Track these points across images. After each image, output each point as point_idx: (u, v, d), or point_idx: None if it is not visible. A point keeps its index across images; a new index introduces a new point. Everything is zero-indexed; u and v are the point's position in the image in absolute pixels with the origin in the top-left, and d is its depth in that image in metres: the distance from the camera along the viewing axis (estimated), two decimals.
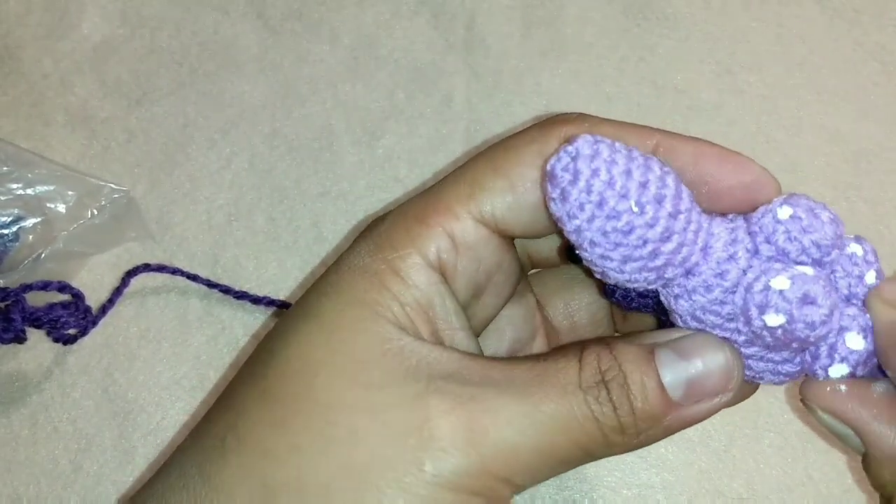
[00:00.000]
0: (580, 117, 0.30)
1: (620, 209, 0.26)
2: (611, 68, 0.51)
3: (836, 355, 0.27)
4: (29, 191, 0.45)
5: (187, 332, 0.45)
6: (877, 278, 0.28)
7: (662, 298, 0.29)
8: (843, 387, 0.28)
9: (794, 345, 0.27)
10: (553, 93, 0.50)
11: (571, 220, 0.26)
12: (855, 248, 0.28)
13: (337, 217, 0.47)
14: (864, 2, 0.52)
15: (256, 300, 0.45)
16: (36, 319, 0.41)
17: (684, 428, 0.28)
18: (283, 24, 0.52)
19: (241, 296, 0.45)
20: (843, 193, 0.47)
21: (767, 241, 0.27)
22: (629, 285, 0.28)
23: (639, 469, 0.42)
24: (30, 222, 0.44)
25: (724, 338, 0.28)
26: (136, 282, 0.45)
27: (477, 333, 0.31)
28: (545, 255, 0.34)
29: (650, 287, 0.28)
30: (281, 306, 0.45)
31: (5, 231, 0.44)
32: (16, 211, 0.44)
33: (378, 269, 0.28)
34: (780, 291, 0.26)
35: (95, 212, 0.45)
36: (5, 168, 0.45)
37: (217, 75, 0.51)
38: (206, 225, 0.47)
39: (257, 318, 0.45)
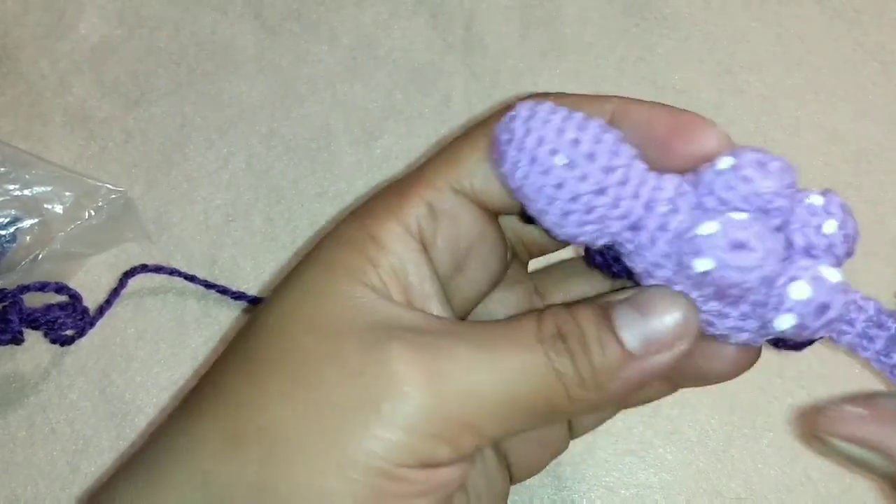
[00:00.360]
0: (545, 94, 0.30)
1: (549, 164, 0.27)
2: (610, 68, 0.51)
3: (783, 306, 0.27)
4: (26, 192, 0.45)
5: (185, 332, 0.45)
6: (839, 229, 0.28)
7: (623, 258, 0.29)
8: (859, 409, 0.28)
9: (734, 291, 0.27)
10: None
11: (510, 179, 0.28)
12: (815, 199, 0.28)
13: (335, 217, 0.47)
14: (864, 2, 0.52)
15: (254, 301, 0.45)
16: (33, 320, 0.41)
17: (646, 381, 0.28)
18: (281, 24, 0.52)
19: (238, 296, 0.45)
20: (843, 193, 0.46)
21: (710, 194, 0.27)
22: (578, 240, 0.29)
23: (637, 469, 0.42)
24: (27, 223, 0.44)
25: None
26: (133, 282, 0.45)
27: (464, 312, 0.32)
28: (539, 243, 0.34)
29: (599, 242, 0.29)
30: None
31: (2, 232, 0.44)
32: (13, 212, 0.44)
33: (356, 236, 0.29)
34: (708, 236, 0.26)
35: (93, 212, 0.45)
36: (2, 169, 0.45)
37: (215, 75, 0.51)
38: (204, 225, 0.47)
39: None
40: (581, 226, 0.28)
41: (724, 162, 0.27)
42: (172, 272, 0.45)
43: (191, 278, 0.45)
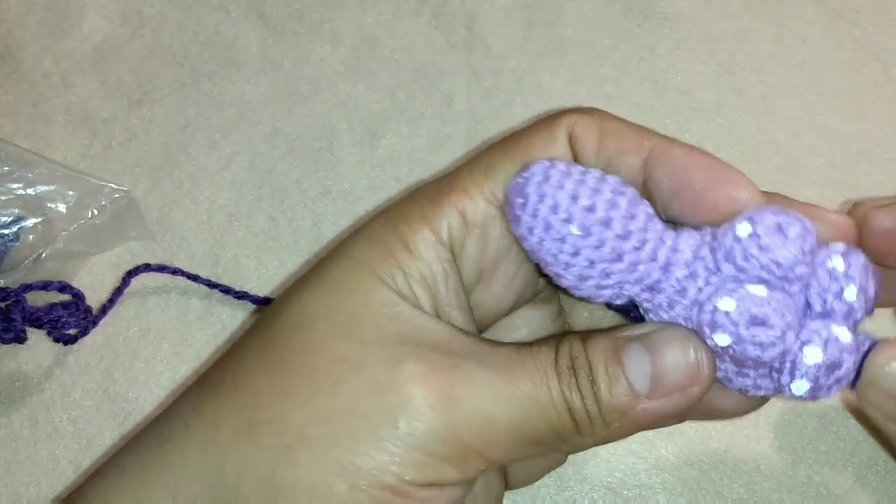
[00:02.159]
0: (588, 110, 0.30)
1: (564, 233, 0.27)
2: (611, 68, 0.51)
3: (797, 372, 0.27)
4: (29, 191, 0.45)
5: (188, 332, 0.45)
6: (859, 295, 0.27)
7: (641, 312, 0.29)
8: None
9: (751, 363, 0.27)
10: (553, 93, 0.50)
11: (526, 242, 0.28)
12: (836, 263, 0.27)
13: (338, 217, 0.47)
14: (864, 2, 0.52)
15: (257, 300, 0.45)
16: (36, 319, 0.41)
17: (658, 423, 0.28)
18: (284, 24, 0.52)
19: (241, 296, 0.45)
20: (843, 193, 0.47)
21: (727, 260, 0.27)
22: (597, 300, 0.29)
23: (639, 469, 0.42)
24: (30, 222, 0.44)
25: None
26: (136, 282, 0.45)
27: (486, 324, 0.32)
28: None
29: (617, 302, 0.29)
30: None
31: (6, 231, 0.44)
32: (16, 211, 0.44)
33: (388, 239, 0.29)
34: (726, 313, 0.26)
35: (96, 212, 0.45)
36: (6, 168, 0.45)
37: (218, 75, 0.51)
38: (207, 225, 0.47)
39: None
40: (599, 289, 0.28)
41: (743, 229, 0.27)
42: (175, 271, 0.45)
43: (194, 278, 0.45)
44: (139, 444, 0.29)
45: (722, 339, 0.26)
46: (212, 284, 0.45)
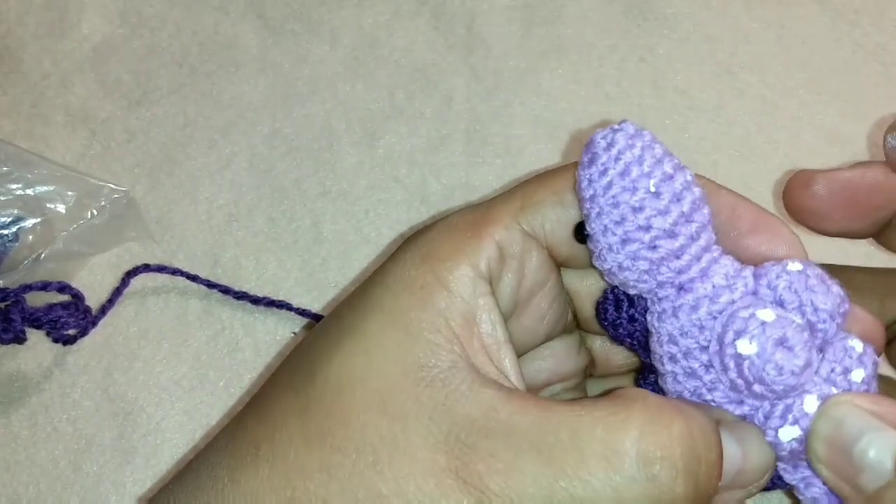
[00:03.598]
0: None
1: (639, 185, 0.27)
2: (611, 69, 0.51)
3: (790, 416, 0.26)
4: (29, 191, 0.45)
5: (187, 332, 0.45)
6: (864, 382, 0.27)
7: (649, 316, 0.29)
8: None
9: (757, 388, 0.26)
10: (553, 93, 0.50)
11: (591, 184, 0.27)
12: (855, 344, 0.27)
13: (337, 217, 0.47)
14: (864, 3, 0.52)
15: (256, 300, 0.45)
16: (36, 320, 0.41)
17: None
18: (283, 24, 0.52)
19: (240, 296, 0.45)
20: None
21: (769, 287, 0.27)
22: (621, 275, 0.28)
23: None
24: (29, 223, 0.44)
25: (691, 374, 0.28)
26: (135, 282, 0.45)
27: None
28: (596, 328, 0.33)
29: (637, 286, 0.28)
30: (280, 306, 0.45)
31: (5, 231, 0.44)
32: (15, 211, 0.44)
33: (425, 282, 0.27)
34: (763, 322, 0.26)
35: (95, 212, 0.45)
36: (5, 168, 0.45)
37: (217, 75, 0.51)
38: (206, 225, 0.47)
39: (257, 319, 0.45)
40: (635, 259, 0.27)
41: (795, 266, 0.27)
42: (175, 272, 0.45)
43: (193, 278, 0.45)
44: (177, 500, 0.28)
45: (746, 347, 0.26)
46: (211, 284, 0.45)
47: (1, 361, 0.44)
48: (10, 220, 0.44)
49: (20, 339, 0.42)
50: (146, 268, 0.45)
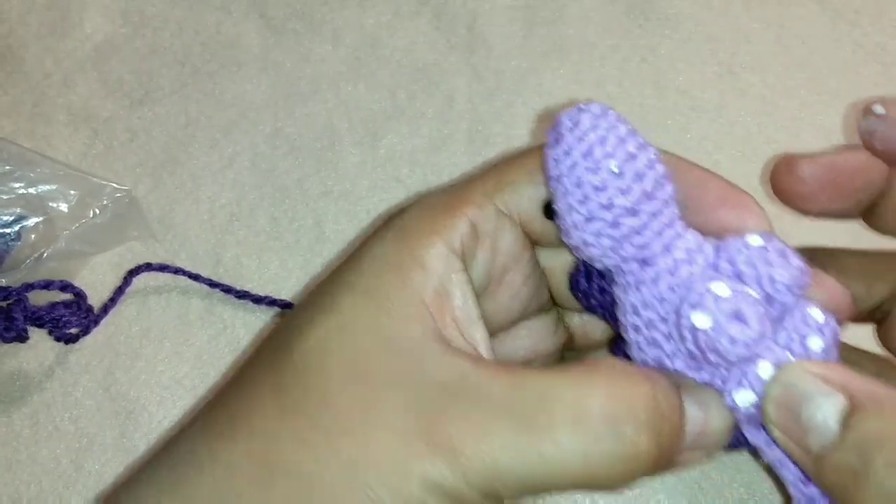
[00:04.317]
0: None
1: (601, 165, 0.28)
2: (613, 69, 0.51)
3: (746, 381, 0.27)
4: (31, 190, 0.45)
5: (189, 331, 0.45)
6: (823, 351, 0.28)
7: (615, 288, 0.30)
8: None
9: (712, 357, 0.27)
10: (555, 93, 0.50)
11: (557, 164, 0.28)
12: (815, 313, 0.28)
13: (339, 217, 0.47)
14: (864, 3, 0.52)
15: (258, 300, 0.45)
16: (38, 318, 0.41)
17: (667, 472, 0.28)
18: (285, 23, 0.52)
19: (242, 295, 0.45)
20: None
21: (728, 261, 0.28)
22: (587, 250, 0.29)
23: None
24: (32, 221, 0.44)
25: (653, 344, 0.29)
26: (137, 281, 0.45)
27: (491, 335, 0.31)
28: (572, 303, 0.34)
29: (602, 261, 0.29)
30: (283, 306, 0.45)
31: (7, 230, 0.44)
32: (18, 210, 0.44)
33: (399, 258, 0.28)
34: (717, 296, 0.27)
35: (97, 211, 0.45)
36: (7, 167, 0.45)
37: (219, 75, 0.51)
38: (208, 224, 0.47)
39: (259, 318, 0.45)
40: (598, 236, 0.28)
41: (755, 239, 0.28)
42: (177, 271, 0.45)
43: (195, 277, 0.45)
44: (154, 480, 0.28)
45: (700, 320, 0.27)
46: (213, 284, 0.45)
47: (3, 360, 0.44)
48: (12, 218, 0.44)
49: (22, 337, 0.42)
50: (148, 267, 0.45)
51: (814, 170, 0.33)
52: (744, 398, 0.27)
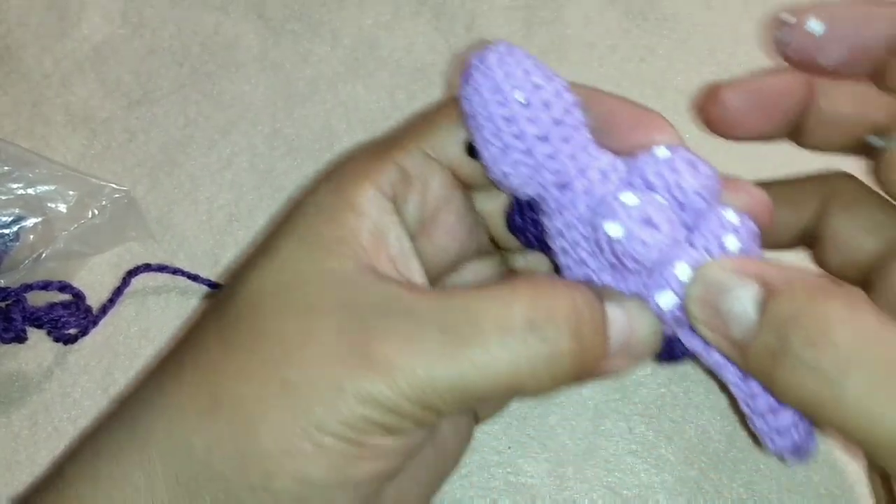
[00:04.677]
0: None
1: (509, 97, 0.29)
2: (611, 69, 0.51)
3: (666, 283, 0.29)
4: (29, 191, 0.45)
5: None
6: (740, 251, 0.29)
7: (543, 217, 0.31)
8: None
9: (630, 265, 0.29)
10: None
11: (469, 102, 0.30)
12: (730, 214, 0.30)
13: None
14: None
15: None
16: (36, 319, 0.41)
17: (599, 378, 0.30)
18: (283, 24, 0.52)
19: None
20: None
21: (640, 176, 0.29)
22: (509, 181, 0.31)
23: (639, 470, 0.42)
24: (30, 222, 0.44)
25: (582, 264, 0.30)
26: (136, 282, 0.45)
27: (434, 277, 0.33)
28: (512, 243, 0.35)
29: (525, 190, 0.31)
30: None
31: (6, 231, 0.44)
32: (16, 211, 0.44)
33: (333, 204, 0.30)
34: (626, 205, 0.28)
35: (96, 212, 0.45)
36: (6, 168, 0.45)
37: (218, 75, 0.51)
38: (207, 225, 0.47)
39: None
40: (516, 166, 0.30)
41: (661, 152, 0.29)
42: (175, 271, 0.45)
43: (194, 278, 0.45)
44: (111, 427, 0.30)
45: (613, 229, 0.28)
46: (212, 284, 0.45)
47: (1, 361, 0.44)
48: (10, 219, 0.44)
49: (21, 338, 0.42)
50: (147, 267, 0.45)
51: (738, 96, 0.35)
52: (666, 300, 0.29)
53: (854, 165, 0.37)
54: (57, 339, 0.43)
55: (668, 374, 0.43)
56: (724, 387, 0.33)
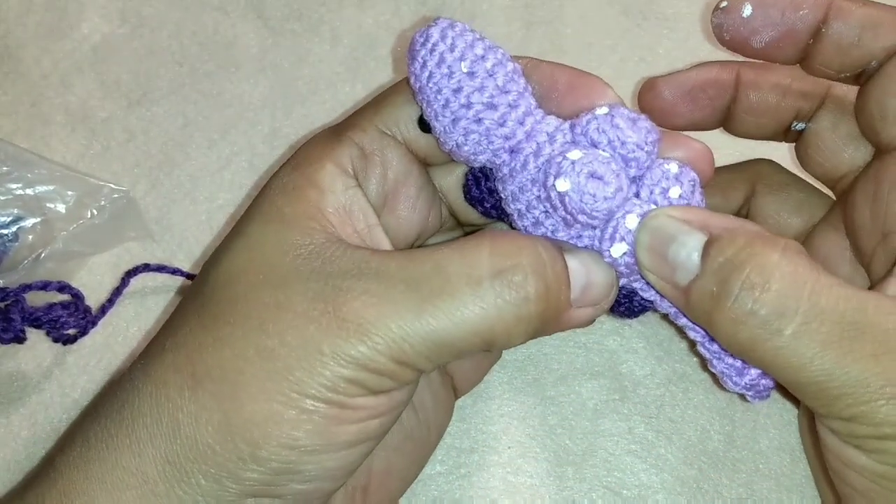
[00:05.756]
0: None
1: (454, 69, 0.31)
2: (610, 68, 0.51)
3: (617, 234, 0.30)
4: (28, 191, 0.45)
5: None
6: (682, 198, 0.31)
7: (498, 184, 0.32)
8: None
9: (581, 218, 0.30)
10: None
11: (417, 78, 0.31)
12: (671, 167, 0.31)
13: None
14: None
15: None
16: (35, 319, 0.41)
17: (566, 328, 0.31)
18: (283, 24, 0.52)
19: None
20: None
21: (583, 135, 0.31)
22: (462, 151, 0.32)
23: (638, 470, 0.42)
24: (29, 222, 0.44)
25: (535, 221, 0.32)
26: (135, 282, 0.45)
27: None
28: (472, 216, 0.37)
29: (478, 158, 0.32)
30: None
31: (5, 231, 0.44)
32: (15, 211, 0.44)
33: (297, 183, 0.31)
34: (572, 161, 0.29)
35: (95, 212, 0.45)
36: (5, 168, 0.45)
37: (217, 75, 0.51)
38: (206, 225, 0.47)
39: None
40: (467, 134, 0.31)
41: (601, 110, 0.31)
42: (174, 271, 0.45)
43: (192, 277, 0.45)
44: (99, 414, 0.31)
45: (562, 185, 0.29)
46: None
47: (1, 361, 0.44)
48: (9, 219, 0.44)
49: (20, 338, 0.42)
50: (146, 267, 0.45)
51: (670, 87, 0.37)
52: (618, 250, 0.30)
53: (781, 154, 0.41)
54: (56, 340, 0.43)
55: (668, 375, 0.43)
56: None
